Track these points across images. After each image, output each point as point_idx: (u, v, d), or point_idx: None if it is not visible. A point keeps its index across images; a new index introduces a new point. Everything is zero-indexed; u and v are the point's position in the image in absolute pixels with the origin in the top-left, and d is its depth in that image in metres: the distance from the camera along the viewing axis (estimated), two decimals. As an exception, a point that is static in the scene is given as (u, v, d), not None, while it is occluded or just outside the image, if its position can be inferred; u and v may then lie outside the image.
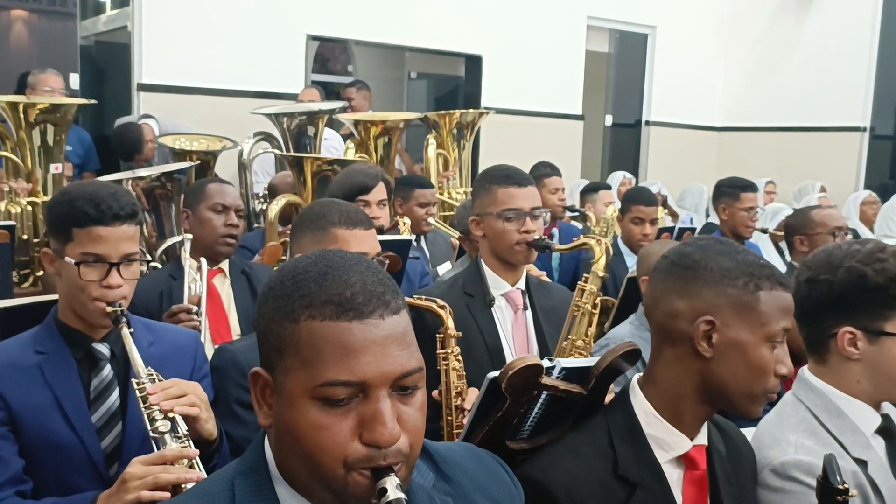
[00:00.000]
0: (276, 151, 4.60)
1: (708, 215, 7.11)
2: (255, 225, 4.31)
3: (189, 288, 2.62)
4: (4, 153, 3.85)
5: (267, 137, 4.68)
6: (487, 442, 1.47)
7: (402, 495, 0.92)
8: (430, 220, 4.07)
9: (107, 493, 1.52)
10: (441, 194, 5.20)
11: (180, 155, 4.55)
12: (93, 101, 4.07)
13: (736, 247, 1.44)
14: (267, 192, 4.34)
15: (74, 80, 5.79)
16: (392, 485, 0.93)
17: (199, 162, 4.38)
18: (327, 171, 3.76)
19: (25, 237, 3.63)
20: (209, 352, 2.36)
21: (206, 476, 1.51)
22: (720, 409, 1.45)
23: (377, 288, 0.97)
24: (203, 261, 2.69)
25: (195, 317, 2.48)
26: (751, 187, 4.24)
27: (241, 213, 2.84)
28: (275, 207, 3.56)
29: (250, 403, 1.83)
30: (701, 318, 1.39)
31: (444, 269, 3.82)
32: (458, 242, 3.71)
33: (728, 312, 1.38)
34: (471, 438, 1.50)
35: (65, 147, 3.95)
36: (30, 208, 3.67)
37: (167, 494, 1.45)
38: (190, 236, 2.72)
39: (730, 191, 4.20)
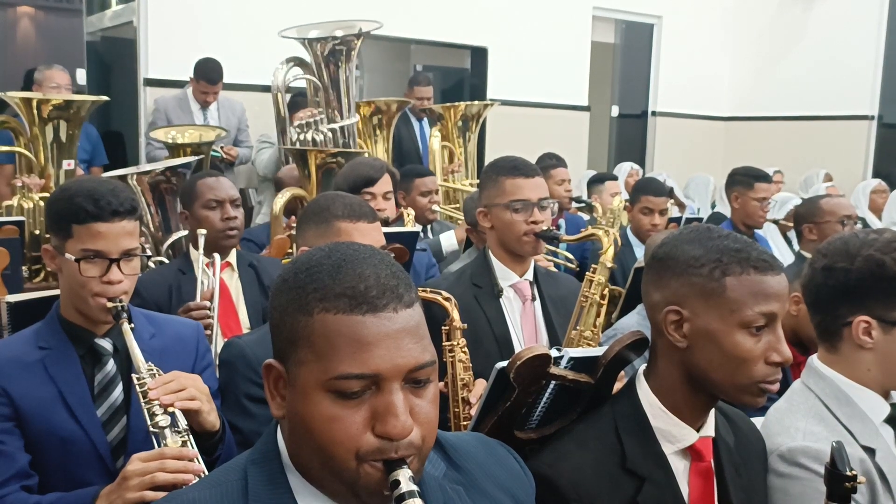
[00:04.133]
0: (311, 77, 4.37)
1: (714, 206, 7.08)
2: (298, 142, 4.18)
3: (202, 283, 2.63)
4: (18, 149, 3.87)
5: (300, 63, 4.44)
6: (496, 432, 1.47)
7: (414, 487, 0.93)
8: (435, 207, 4.08)
9: (108, 490, 1.54)
10: (446, 181, 5.21)
11: (173, 149, 4.54)
12: (105, 99, 4.09)
13: (712, 233, 1.41)
14: (304, 123, 4.23)
15: (81, 75, 5.80)
16: (405, 477, 0.93)
17: (202, 156, 4.36)
18: (331, 164, 3.76)
19: (38, 233, 3.64)
20: (219, 345, 2.37)
21: (204, 471, 1.52)
22: (717, 399, 1.43)
23: (391, 281, 0.97)
24: (216, 256, 2.70)
25: (209, 313, 2.49)
26: (765, 178, 4.24)
27: (236, 203, 2.84)
28: (280, 200, 3.56)
29: (259, 397, 1.85)
30: (667, 308, 1.39)
31: (448, 238, 3.82)
32: (464, 234, 3.72)
33: (695, 301, 1.37)
34: (479, 428, 1.51)
35: (77, 143, 3.97)
36: (42, 204, 3.68)
37: None
38: (203, 231, 2.73)
39: (744, 179, 4.20)
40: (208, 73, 5.16)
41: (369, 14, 6.49)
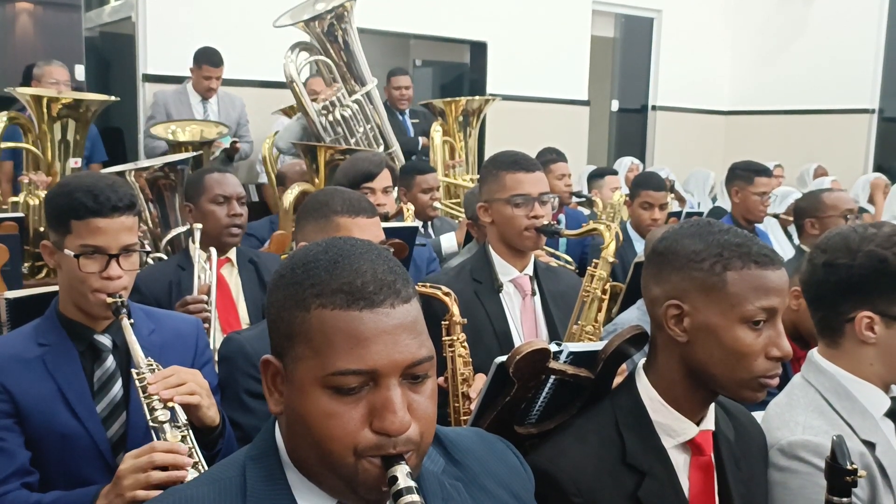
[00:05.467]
0: (323, 58, 4.33)
1: (714, 200, 7.08)
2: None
3: (199, 278, 2.62)
4: (25, 145, 3.89)
5: (307, 46, 4.39)
6: (496, 427, 1.47)
7: (412, 483, 0.92)
8: (436, 204, 4.07)
9: (106, 490, 1.54)
10: (447, 176, 5.21)
11: (174, 146, 4.53)
12: (114, 99, 4.10)
13: (712, 228, 1.41)
14: (328, 103, 4.15)
15: (80, 71, 5.79)
16: (402, 473, 0.93)
17: (200, 152, 4.36)
18: (339, 161, 3.75)
19: (43, 229, 3.64)
20: (218, 341, 2.37)
21: (204, 465, 1.52)
22: (717, 393, 1.43)
23: (388, 276, 0.97)
24: (213, 251, 2.70)
25: (206, 306, 2.49)
26: (765, 172, 4.22)
27: (242, 201, 2.84)
28: (289, 196, 3.57)
29: (258, 393, 1.85)
30: (667, 303, 1.39)
31: (448, 239, 3.81)
32: (465, 228, 3.71)
33: (695, 296, 1.37)
34: (479, 423, 1.51)
35: (84, 142, 4.00)
36: (49, 201, 3.69)
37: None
38: (199, 225, 2.72)
39: (744, 174, 4.18)
40: (210, 56, 5.18)
41: (368, 8, 6.48)
